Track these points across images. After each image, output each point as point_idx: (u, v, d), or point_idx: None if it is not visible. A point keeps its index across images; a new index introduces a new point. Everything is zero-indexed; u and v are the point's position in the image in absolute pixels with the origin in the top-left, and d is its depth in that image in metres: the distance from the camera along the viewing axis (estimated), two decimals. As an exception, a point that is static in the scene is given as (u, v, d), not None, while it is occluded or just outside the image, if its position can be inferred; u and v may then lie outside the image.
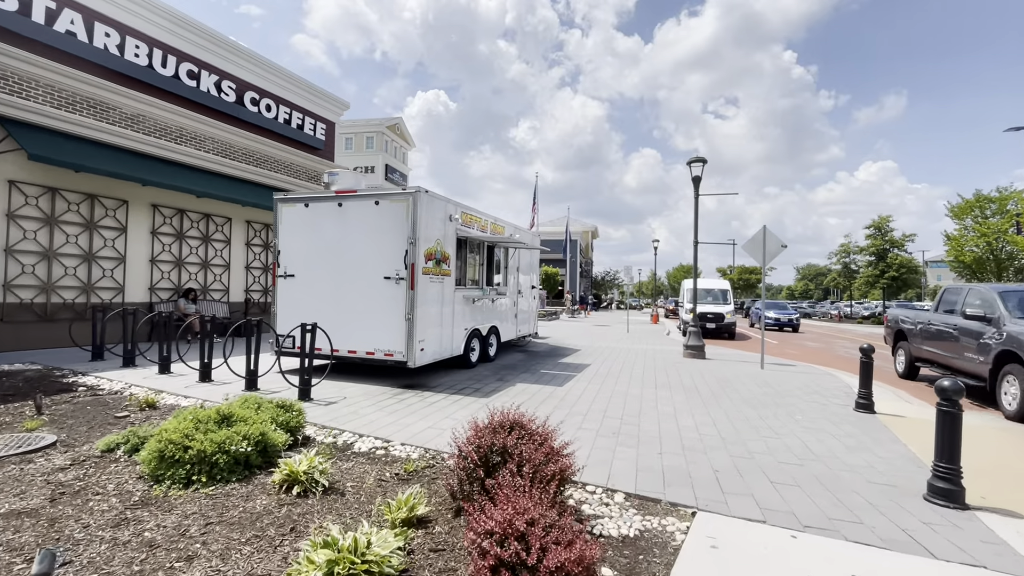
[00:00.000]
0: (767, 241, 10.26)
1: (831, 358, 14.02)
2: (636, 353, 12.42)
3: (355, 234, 7.59)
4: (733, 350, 14.19)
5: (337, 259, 7.68)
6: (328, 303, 7.69)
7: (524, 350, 12.27)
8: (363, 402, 6.19)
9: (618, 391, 7.48)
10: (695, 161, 11.89)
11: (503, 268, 10.98)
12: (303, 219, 7.91)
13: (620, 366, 10.06)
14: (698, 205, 12.09)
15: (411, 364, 7.18)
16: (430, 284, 7.57)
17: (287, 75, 14.53)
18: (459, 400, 6.51)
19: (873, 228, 38.29)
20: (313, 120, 15.61)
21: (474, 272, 9.53)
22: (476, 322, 9.31)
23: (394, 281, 7.29)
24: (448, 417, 5.61)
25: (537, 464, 2.93)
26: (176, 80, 11.58)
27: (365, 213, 7.53)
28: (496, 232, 10.17)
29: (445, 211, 8.02)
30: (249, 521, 2.91)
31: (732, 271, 57.70)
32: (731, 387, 8.07)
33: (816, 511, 3.47)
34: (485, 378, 8.18)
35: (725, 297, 21.21)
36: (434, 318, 7.71)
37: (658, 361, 11.00)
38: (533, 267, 13.08)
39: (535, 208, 28.45)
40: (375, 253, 7.44)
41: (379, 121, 50.71)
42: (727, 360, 11.51)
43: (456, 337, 8.52)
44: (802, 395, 7.61)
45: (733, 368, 10.24)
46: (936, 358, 9.05)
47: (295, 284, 7.95)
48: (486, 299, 9.70)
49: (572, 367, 9.75)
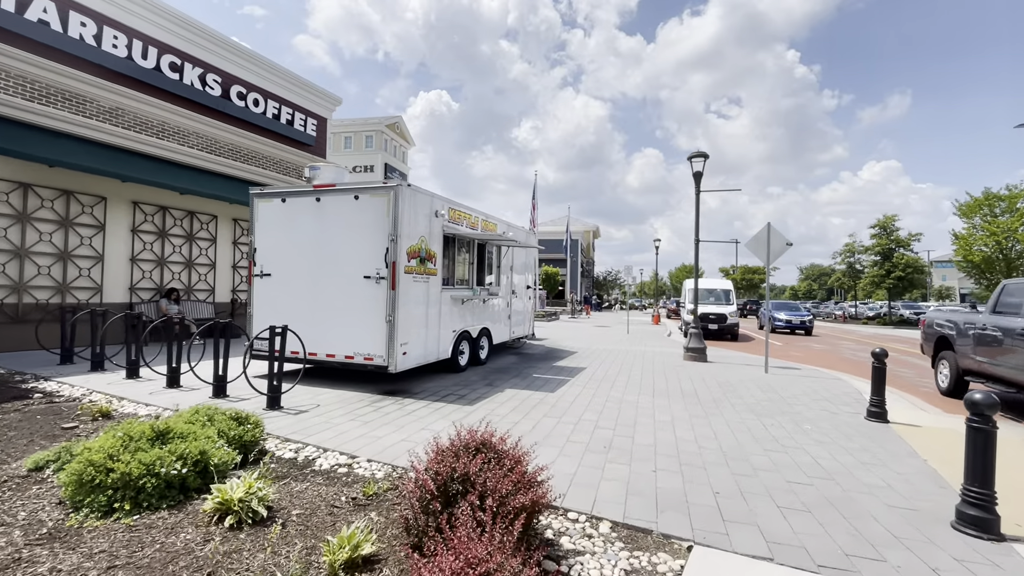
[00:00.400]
0: (771, 239, 9.79)
1: (837, 360, 13.53)
2: (635, 355, 11.96)
3: (334, 231, 7.16)
4: (736, 352, 13.72)
5: (315, 257, 7.25)
6: (306, 304, 7.27)
7: (519, 352, 11.83)
8: (336, 411, 5.75)
9: (613, 397, 7.03)
10: (696, 156, 11.43)
11: (495, 267, 10.54)
12: (280, 215, 7.49)
13: (617, 369, 9.61)
14: (699, 202, 11.63)
15: (392, 369, 6.74)
16: (413, 284, 7.14)
17: (276, 69, 14.12)
18: (441, 408, 6.07)
19: (878, 227, 37.65)
20: (303, 116, 15.20)
21: (463, 271, 9.10)
22: (465, 324, 8.87)
23: (374, 281, 6.86)
24: (425, 428, 5.17)
25: (503, 495, 2.49)
26: (157, 72, 11.17)
27: (344, 208, 7.10)
28: (487, 229, 9.74)
29: (430, 206, 7.59)
30: (161, 563, 2.47)
31: (735, 271, 57.15)
32: (734, 393, 7.62)
33: (831, 545, 3.01)
34: (473, 383, 7.74)
35: (728, 297, 20.71)
36: (418, 320, 7.28)
37: (657, 364, 10.54)
38: (529, 266, 12.64)
39: (535, 206, 28.00)
40: (355, 251, 7.02)
41: (378, 120, 50.32)
42: (730, 363, 11.05)
43: (443, 340, 8.09)
44: (809, 402, 7.15)
45: (736, 372, 9.78)
46: (995, 372, 7.20)
47: (272, 284, 7.52)
48: (476, 300, 9.26)
49: (566, 371, 9.30)
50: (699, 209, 11.63)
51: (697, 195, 11.56)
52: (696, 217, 11.68)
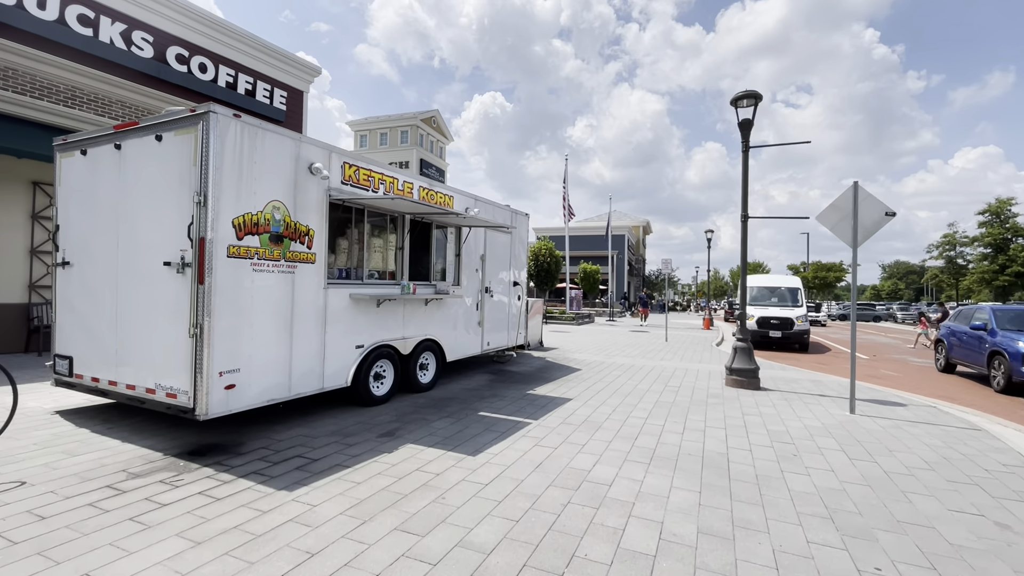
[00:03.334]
0: (861, 205, 6.35)
1: (954, 385, 9.59)
2: (659, 376, 8.75)
3: (135, 194, 4.64)
4: (802, 370, 10.10)
5: (115, 236, 4.77)
6: (105, 307, 4.80)
7: (499, 370, 8.95)
8: (44, 501, 3.17)
9: (574, 470, 4.04)
10: (743, 98, 8.08)
11: (454, 256, 7.73)
12: (82, 176, 5.08)
13: (617, 402, 6.52)
14: (748, 163, 8.25)
15: (201, 413, 4.11)
16: (253, 274, 4.48)
17: (229, 29, 12.03)
18: (234, 496, 3.35)
19: (989, 214, 31.23)
20: (269, 86, 13.05)
21: (382, 259, 6.36)
22: (385, 335, 6.13)
23: (175, 269, 4.26)
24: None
25: None
26: (62, 27, 9.26)
27: (146, 158, 4.57)
28: (434, 203, 6.96)
29: (295, 155, 4.91)
30: None
31: (806, 269, 50.85)
32: (796, 463, 4.38)
33: None
34: (366, 431, 4.98)
35: (794, 297, 16.63)
36: (265, 331, 4.61)
37: (683, 393, 7.33)
38: (517, 257, 9.72)
39: (565, 194, 24.89)
40: (157, 223, 4.46)
41: (412, 115, 48.75)
42: (793, 392, 7.62)
43: (333, 360, 5.39)
44: (942, 489, 3.81)
45: (802, 410, 6.41)
46: None
47: (73, 277, 5.13)
48: (410, 300, 6.50)
49: (538, 404, 6.33)
50: (748, 171, 8.26)
51: (745, 152, 8.19)
52: (743, 182, 8.31)
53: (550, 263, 27.00)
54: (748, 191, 8.27)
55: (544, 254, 27.06)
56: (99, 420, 4.96)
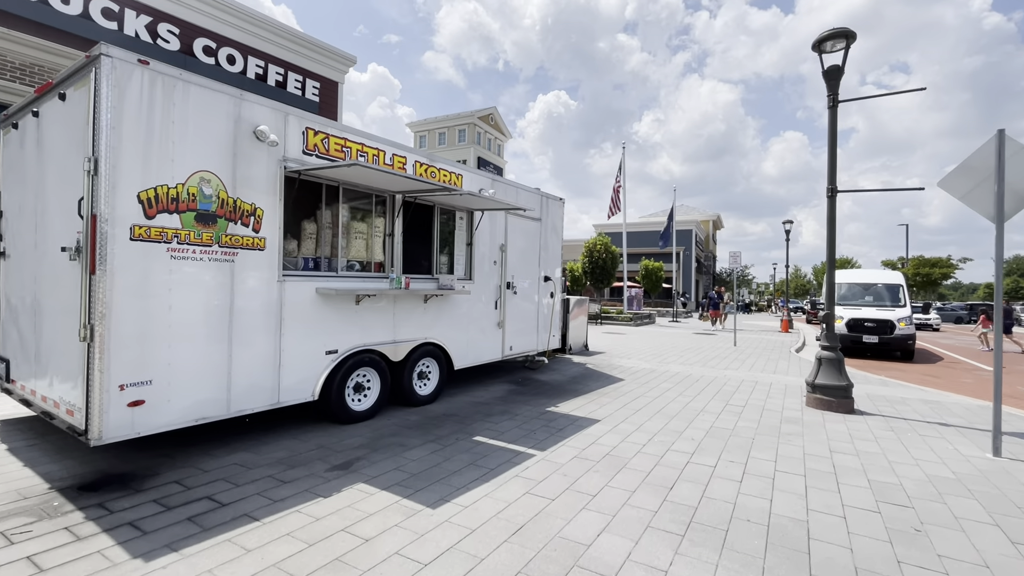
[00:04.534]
0: (1009, 162, 4.50)
1: None
2: (717, 390, 7.14)
3: (47, 168, 3.91)
4: (909, 386, 7.99)
5: (32, 219, 4.08)
6: (28, 303, 4.13)
7: (525, 380, 7.72)
8: None
9: (566, 543, 2.75)
10: (828, 39, 6.30)
11: (465, 245, 6.61)
12: (15, 152, 4.46)
13: (655, 430, 5.09)
14: (835, 120, 6.45)
15: (93, 436, 3.25)
16: (173, 263, 3.58)
17: (261, 21, 11.70)
18: (64, 568, 2.41)
19: None
20: (301, 76, 12.64)
21: (364, 248, 5.32)
22: (370, 337, 5.11)
23: (69, 256, 3.44)
24: None
25: None
26: (86, 20, 9.16)
27: (55, 124, 3.81)
28: (431, 179, 5.86)
29: (235, 115, 3.97)
30: None
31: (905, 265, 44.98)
32: (923, 550, 2.82)
33: None
34: (319, 459, 3.95)
35: (895, 296, 13.88)
36: (192, 333, 3.70)
37: (748, 416, 5.73)
38: (549, 248, 8.43)
39: (617, 188, 23.14)
40: (59, 201, 3.69)
41: (470, 113, 48.39)
42: (901, 416, 5.78)
43: (293, 370, 4.42)
44: None
45: (917, 446, 4.66)
46: None
47: (11, 269, 4.52)
48: (400, 297, 5.45)
49: (551, 428, 5.05)
50: (835, 133, 6.45)
51: (833, 108, 6.40)
52: (830, 147, 6.51)
53: (606, 259, 25.25)
54: (836, 158, 6.48)
55: (600, 250, 25.36)
56: (32, 434, 4.31)
